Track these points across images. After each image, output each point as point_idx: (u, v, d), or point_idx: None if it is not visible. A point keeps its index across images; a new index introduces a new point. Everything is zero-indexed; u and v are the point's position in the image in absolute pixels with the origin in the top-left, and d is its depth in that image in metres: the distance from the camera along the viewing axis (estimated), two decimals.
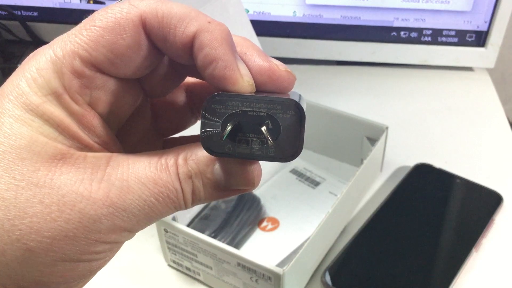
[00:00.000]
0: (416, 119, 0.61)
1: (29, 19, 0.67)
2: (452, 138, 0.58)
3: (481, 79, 0.68)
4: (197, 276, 0.43)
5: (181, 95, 0.24)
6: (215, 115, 0.19)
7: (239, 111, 0.19)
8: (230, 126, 0.19)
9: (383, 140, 0.49)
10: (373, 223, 0.46)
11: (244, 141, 0.20)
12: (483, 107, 0.63)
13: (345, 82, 0.67)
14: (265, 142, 0.19)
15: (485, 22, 0.63)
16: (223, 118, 0.19)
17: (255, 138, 0.20)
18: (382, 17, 0.64)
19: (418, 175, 0.51)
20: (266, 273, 0.37)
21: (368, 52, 0.67)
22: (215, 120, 0.19)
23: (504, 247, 0.45)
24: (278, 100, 0.19)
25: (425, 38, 0.65)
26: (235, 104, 0.19)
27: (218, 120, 0.19)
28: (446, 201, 0.48)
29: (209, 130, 0.19)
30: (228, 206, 0.45)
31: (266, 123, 0.19)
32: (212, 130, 0.19)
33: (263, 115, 0.19)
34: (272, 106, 0.19)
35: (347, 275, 0.42)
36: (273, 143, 0.19)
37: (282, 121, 0.19)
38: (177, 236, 0.40)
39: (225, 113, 0.19)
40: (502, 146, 0.57)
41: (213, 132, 0.19)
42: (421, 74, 0.68)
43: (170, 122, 0.25)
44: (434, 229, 0.45)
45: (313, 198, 0.49)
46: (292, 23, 0.65)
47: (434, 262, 0.43)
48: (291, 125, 0.19)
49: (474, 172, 0.52)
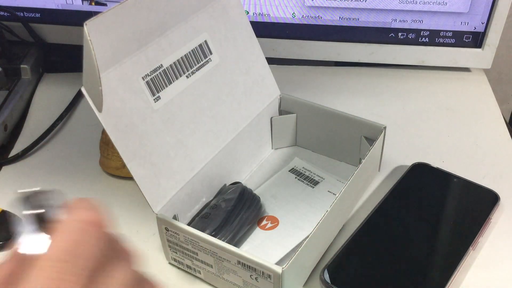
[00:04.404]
0: (414, 119, 0.62)
1: (31, 20, 0.67)
2: (449, 138, 0.59)
3: (478, 79, 0.68)
4: (197, 274, 0.43)
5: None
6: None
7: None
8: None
9: (381, 140, 0.50)
10: (371, 222, 0.46)
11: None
12: (480, 107, 0.64)
13: (343, 83, 0.68)
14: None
15: (482, 23, 0.64)
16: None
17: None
18: (380, 19, 0.64)
19: (416, 174, 0.51)
20: (265, 271, 0.38)
21: (366, 53, 0.67)
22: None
23: (500, 246, 0.46)
24: None
25: (423, 39, 0.66)
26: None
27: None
28: (443, 200, 0.49)
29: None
30: (228, 205, 0.45)
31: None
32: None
33: None
34: None
35: (345, 273, 0.42)
36: None
37: None
38: (178, 234, 0.41)
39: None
40: (499, 145, 0.57)
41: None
42: (419, 75, 0.69)
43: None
44: (432, 227, 0.46)
45: (312, 197, 0.50)
46: (291, 24, 0.66)
47: (431, 260, 0.43)
48: None
49: (471, 171, 0.53)
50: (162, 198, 0.42)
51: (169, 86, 0.43)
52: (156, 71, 0.42)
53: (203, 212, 0.46)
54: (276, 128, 0.55)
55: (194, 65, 0.45)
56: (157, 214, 0.41)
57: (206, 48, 0.46)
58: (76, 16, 0.66)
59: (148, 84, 0.41)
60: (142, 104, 0.41)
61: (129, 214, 0.49)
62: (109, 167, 0.53)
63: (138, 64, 0.41)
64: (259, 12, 0.65)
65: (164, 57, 0.43)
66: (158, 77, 0.42)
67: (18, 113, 0.62)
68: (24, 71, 0.66)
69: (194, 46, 0.45)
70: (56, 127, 0.60)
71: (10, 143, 0.59)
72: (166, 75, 0.43)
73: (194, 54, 0.45)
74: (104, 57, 0.37)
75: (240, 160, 0.51)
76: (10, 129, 0.60)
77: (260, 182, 0.52)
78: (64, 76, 0.70)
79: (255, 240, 0.46)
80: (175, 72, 0.44)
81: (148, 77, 0.41)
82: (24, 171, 0.55)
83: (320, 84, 0.67)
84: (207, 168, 0.46)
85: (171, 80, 0.43)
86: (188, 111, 0.45)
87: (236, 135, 0.49)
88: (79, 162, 0.56)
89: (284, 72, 0.68)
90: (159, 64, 0.42)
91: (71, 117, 0.63)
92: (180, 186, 0.43)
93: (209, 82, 0.47)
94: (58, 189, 0.26)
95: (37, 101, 0.65)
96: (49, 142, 0.59)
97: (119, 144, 0.39)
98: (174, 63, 0.43)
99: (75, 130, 0.61)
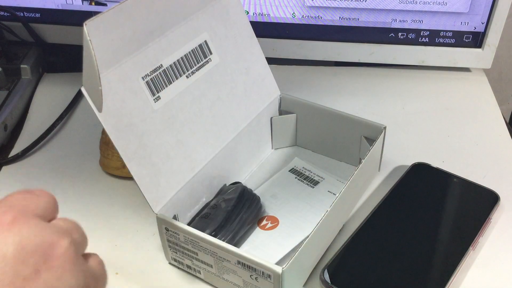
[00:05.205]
0: (414, 119, 0.62)
1: (31, 20, 0.67)
2: (449, 138, 0.59)
3: (478, 79, 0.68)
4: (197, 274, 0.43)
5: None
6: None
7: None
8: None
9: (381, 140, 0.50)
10: (372, 222, 0.46)
11: None
12: (480, 107, 0.64)
13: (343, 83, 0.68)
14: None
15: (482, 23, 0.64)
16: None
17: None
18: (380, 19, 0.64)
19: (416, 174, 0.51)
20: (265, 271, 0.38)
21: (366, 53, 0.67)
22: None
23: (500, 246, 0.46)
24: None
25: (423, 39, 0.66)
26: None
27: None
28: (444, 200, 0.49)
29: None
30: (228, 205, 0.45)
31: None
32: None
33: None
34: None
35: (345, 273, 0.42)
36: None
37: None
38: (178, 234, 0.41)
39: None
40: (499, 145, 0.57)
41: None
42: (419, 75, 0.69)
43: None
44: (432, 227, 0.46)
45: (312, 197, 0.50)
46: (291, 24, 0.66)
47: (431, 260, 0.43)
48: None
49: (471, 172, 0.53)
50: (162, 198, 0.42)
51: (169, 86, 0.43)
52: (156, 71, 0.42)
53: (203, 212, 0.46)
54: (276, 128, 0.55)
55: (194, 65, 0.45)
56: (157, 214, 0.41)
57: (206, 48, 0.46)
58: (76, 16, 0.66)
59: (148, 84, 0.41)
60: (142, 104, 0.41)
61: (129, 214, 0.49)
62: (109, 167, 0.53)
63: (138, 64, 0.41)
64: (259, 12, 0.65)
65: (164, 57, 0.43)
66: (158, 77, 0.42)
67: (18, 113, 0.62)
68: (24, 71, 0.66)
69: (194, 46, 0.45)
70: (56, 127, 0.60)
71: (10, 143, 0.59)
72: (166, 75, 0.43)
73: (194, 54, 0.45)
74: (104, 57, 0.37)
75: (240, 160, 0.51)
76: (10, 129, 0.60)
77: (260, 182, 0.52)
78: (64, 76, 0.70)
79: (255, 240, 0.46)
80: (175, 72, 0.44)
81: (148, 77, 0.41)
82: (24, 171, 0.55)
83: (320, 84, 0.67)
84: (207, 168, 0.46)
85: (171, 80, 0.43)
86: (188, 111, 0.45)
87: (236, 135, 0.49)
88: (79, 162, 0.56)
89: (284, 72, 0.68)
90: (159, 64, 0.42)
91: (71, 117, 0.63)
92: (180, 186, 0.43)
93: (209, 82, 0.47)
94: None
95: (37, 101, 0.65)
96: (49, 142, 0.59)
97: (119, 144, 0.39)
98: (174, 63, 0.44)
99: (75, 130, 0.61)
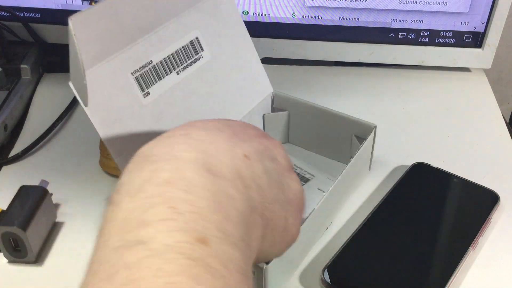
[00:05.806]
0: (414, 119, 0.62)
1: (31, 20, 0.67)
2: (450, 138, 0.59)
3: (478, 79, 0.68)
4: None
5: None
6: None
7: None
8: None
9: (371, 139, 0.50)
10: (371, 222, 0.46)
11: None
12: (480, 107, 0.64)
13: (343, 83, 0.68)
14: None
15: (482, 23, 0.64)
16: None
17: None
18: (380, 19, 0.65)
19: (416, 174, 0.51)
20: None
21: (366, 53, 0.67)
22: None
23: (500, 246, 0.46)
24: None
25: (423, 39, 0.66)
26: None
27: None
28: (444, 200, 0.49)
29: None
30: None
31: None
32: None
33: None
34: None
35: (345, 273, 0.42)
36: None
37: None
38: None
39: None
40: (499, 145, 0.58)
41: None
42: (419, 75, 0.69)
43: None
44: (432, 227, 0.46)
45: None
46: (291, 24, 0.66)
47: (431, 260, 0.43)
48: None
49: (471, 172, 0.53)
50: None
51: (158, 82, 0.43)
52: (145, 67, 0.42)
53: None
54: (269, 125, 0.55)
55: (184, 62, 0.45)
56: None
57: (198, 45, 0.46)
58: None
59: (137, 79, 0.41)
60: (131, 100, 0.40)
61: None
62: (109, 167, 0.53)
63: (127, 59, 0.40)
64: (259, 12, 0.65)
65: (154, 53, 0.42)
66: (147, 73, 0.42)
67: (18, 113, 0.62)
68: (24, 71, 0.66)
69: (185, 43, 0.45)
70: (56, 127, 0.60)
71: (10, 143, 0.59)
72: (156, 71, 0.43)
73: (185, 50, 0.45)
74: (91, 52, 0.37)
75: None
76: (10, 129, 0.60)
77: None
78: (64, 76, 0.70)
79: None
80: (165, 68, 0.43)
81: (138, 73, 0.41)
82: (24, 171, 0.55)
83: (320, 84, 0.67)
84: None
85: (161, 76, 0.43)
86: (178, 107, 0.44)
87: None
88: (79, 162, 0.56)
89: (284, 72, 0.69)
90: (149, 60, 0.42)
91: (71, 117, 0.63)
92: None
93: (200, 79, 0.46)
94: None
95: (37, 101, 0.65)
96: (49, 142, 0.59)
97: (107, 139, 0.39)
98: (164, 59, 0.43)
99: (75, 130, 0.61)
